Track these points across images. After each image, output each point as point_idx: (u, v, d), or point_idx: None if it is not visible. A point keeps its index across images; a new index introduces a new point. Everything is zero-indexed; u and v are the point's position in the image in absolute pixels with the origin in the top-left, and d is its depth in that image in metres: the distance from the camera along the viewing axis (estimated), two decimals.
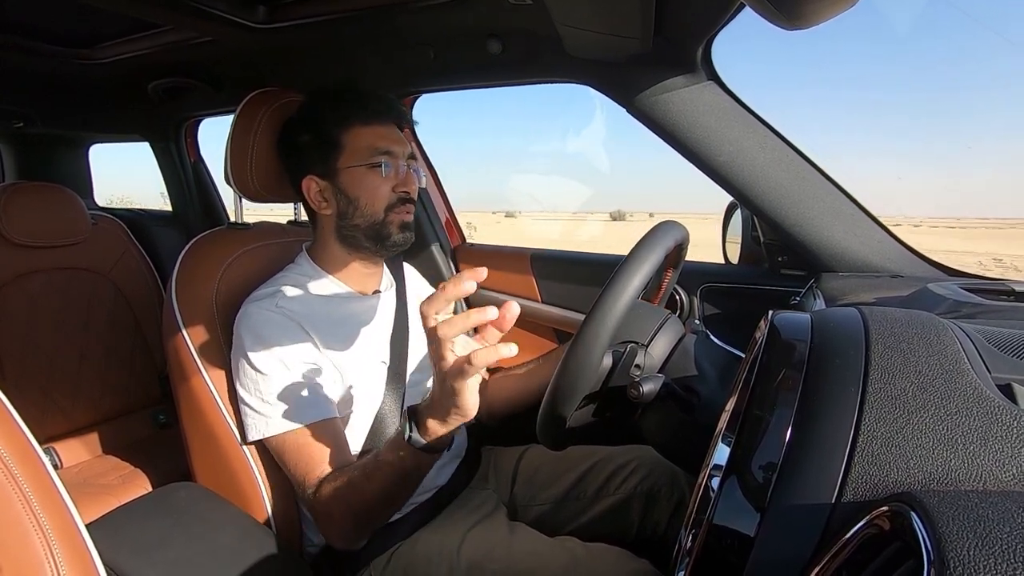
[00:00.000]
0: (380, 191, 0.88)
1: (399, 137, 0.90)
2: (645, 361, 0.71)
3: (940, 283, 0.78)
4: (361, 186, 0.88)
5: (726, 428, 0.43)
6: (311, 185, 0.90)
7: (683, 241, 0.77)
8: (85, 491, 1.18)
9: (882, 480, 0.33)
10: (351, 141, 0.88)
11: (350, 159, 0.87)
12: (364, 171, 0.87)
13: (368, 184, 0.87)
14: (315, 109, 0.91)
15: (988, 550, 0.24)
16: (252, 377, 0.80)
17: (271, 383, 0.79)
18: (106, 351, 1.43)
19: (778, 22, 0.57)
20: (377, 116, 0.89)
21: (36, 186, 1.38)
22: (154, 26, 1.26)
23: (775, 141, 0.96)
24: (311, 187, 0.90)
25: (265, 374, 0.79)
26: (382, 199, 0.88)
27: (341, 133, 0.88)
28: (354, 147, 0.87)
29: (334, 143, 0.88)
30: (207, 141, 2.05)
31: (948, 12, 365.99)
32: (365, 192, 0.88)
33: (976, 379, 0.37)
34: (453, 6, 1.00)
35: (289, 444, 0.79)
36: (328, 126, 0.88)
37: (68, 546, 0.44)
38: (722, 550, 0.37)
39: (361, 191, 0.88)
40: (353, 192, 0.88)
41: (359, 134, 0.87)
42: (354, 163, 0.87)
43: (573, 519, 0.96)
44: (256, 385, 0.80)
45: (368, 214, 0.88)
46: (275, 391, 0.79)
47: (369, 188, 0.87)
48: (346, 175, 0.88)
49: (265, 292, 0.87)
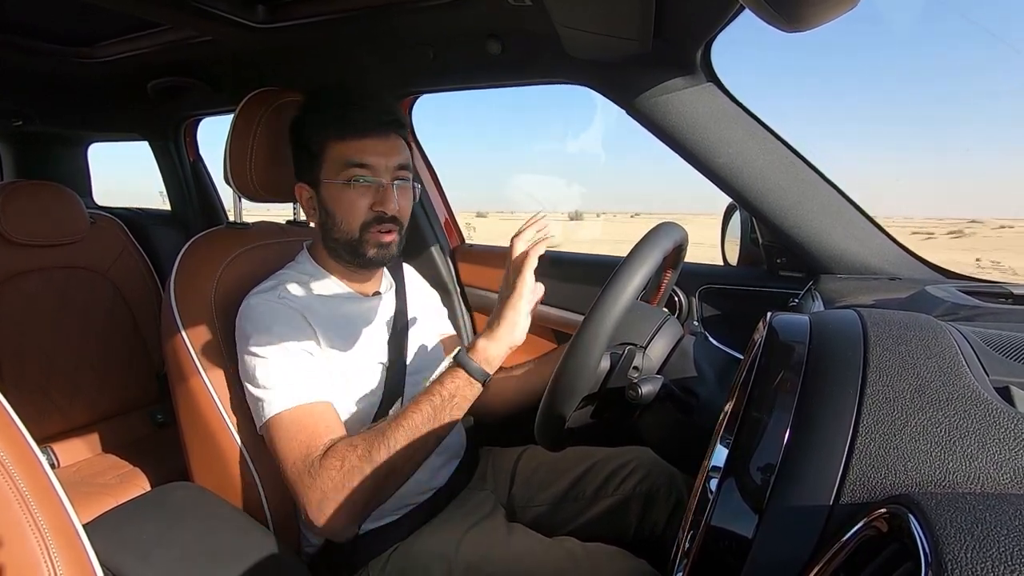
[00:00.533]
0: (356, 208, 0.85)
1: (383, 149, 0.85)
2: (643, 363, 0.71)
3: (938, 285, 0.78)
4: (338, 202, 0.86)
5: (724, 429, 0.43)
6: (302, 192, 0.90)
7: (682, 242, 0.77)
8: (82, 490, 1.18)
9: (880, 482, 0.33)
10: (328, 154, 0.85)
11: (328, 173, 0.86)
12: (340, 187, 0.85)
13: (344, 200, 0.85)
14: (301, 116, 0.89)
15: (986, 552, 0.24)
16: (254, 364, 0.79)
17: (273, 365, 0.78)
18: (104, 350, 1.43)
19: (777, 24, 0.57)
20: (355, 129, 0.84)
21: (35, 185, 1.37)
22: (153, 25, 1.26)
23: (774, 143, 0.97)
24: (302, 194, 0.90)
25: (266, 357, 0.78)
26: (358, 216, 0.85)
27: (319, 145, 0.86)
28: (331, 160, 0.85)
29: (314, 154, 0.86)
30: (207, 142, 2.05)
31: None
32: (341, 208, 0.86)
33: (974, 381, 0.37)
34: (453, 6, 1.00)
35: (285, 423, 0.76)
36: (308, 136, 0.87)
37: (65, 545, 0.44)
38: (720, 551, 0.37)
39: (337, 207, 0.86)
40: (331, 206, 0.87)
41: (335, 147, 0.85)
42: (331, 178, 0.85)
43: (571, 520, 0.96)
44: (257, 370, 0.78)
45: (344, 230, 0.87)
46: (277, 372, 0.78)
47: (344, 204, 0.85)
48: (325, 188, 0.87)
49: (267, 285, 0.87)
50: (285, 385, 0.78)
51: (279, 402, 0.77)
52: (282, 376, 0.78)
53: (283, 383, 0.78)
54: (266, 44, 1.22)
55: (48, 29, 1.32)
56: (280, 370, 0.78)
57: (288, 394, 0.77)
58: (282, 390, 0.78)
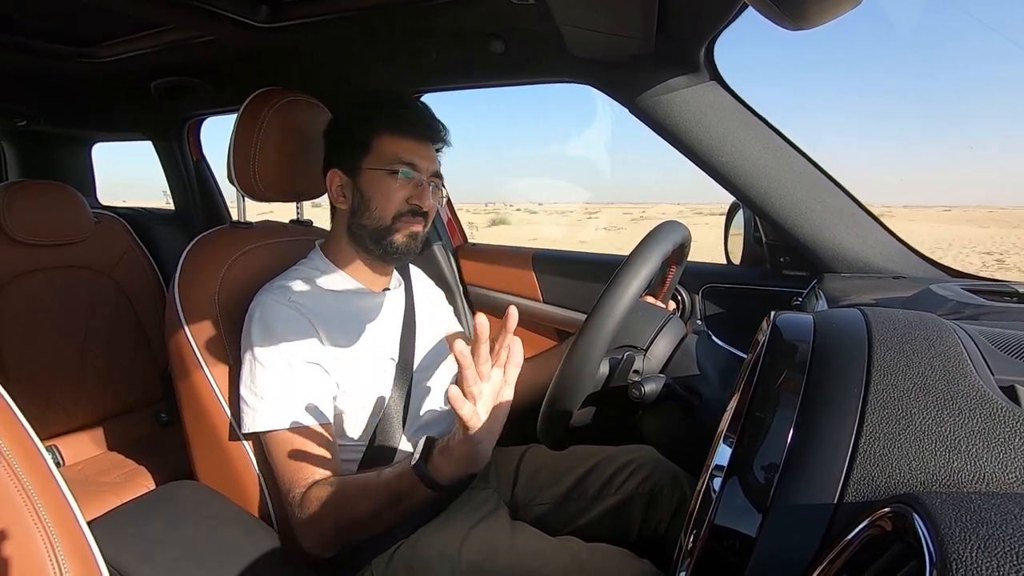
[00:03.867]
0: (394, 197, 0.89)
1: (428, 154, 0.92)
2: (644, 365, 0.71)
3: (942, 284, 0.78)
4: (377, 189, 0.90)
5: (728, 428, 0.43)
6: (334, 178, 0.93)
7: (684, 240, 0.77)
8: (87, 489, 1.19)
9: (884, 481, 0.33)
10: (379, 146, 0.90)
11: (374, 162, 0.90)
12: (383, 175, 0.89)
13: (384, 188, 0.89)
14: (357, 109, 0.94)
15: (991, 552, 0.24)
16: (253, 369, 0.82)
17: (269, 378, 0.81)
18: (108, 349, 1.44)
19: (781, 22, 0.57)
20: (411, 129, 0.91)
21: (39, 184, 1.38)
22: (157, 25, 1.26)
23: (777, 142, 0.96)
24: (334, 180, 0.93)
25: (265, 367, 0.81)
26: (393, 206, 0.90)
27: (372, 136, 0.90)
28: (380, 151, 0.90)
29: (363, 144, 0.90)
30: (210, 141, 2.06)
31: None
32: (379, 195, 0.90)
33: (979, 380, 0.37)
34: (456, 6, 1.00)
35: (279, 443, 0.80)
36: (362, 127, 0.91)
37: (70, 544, 0.44)
38: (723, 551, 0.37)
39: (375, 193, 0.90)
40: (368, 192, 0.90)
41: (388, 141, 0.90)
42: (376, 166, 0.89)
43: (574, 519, 0.96)
44: (254, 378, 0.81)
45: (377, 217, 0.90)
46: (272, 387, 0.80)
47: (383, 192, 0.89)
48: (366, 176, 0.90)
49: (279, 284, 0.89)
50: (283, 401, 0.80)
51: (275, 418, 0.80)
52: (281, 390, 0.80)
53: (282, 398, 0.80)
54: (269, 43, 1.22)
55: (52, 30, 1.33)
56: (280, 383, 0.81)
57: (286, 412, 0.80)
58: (279, 405, 0.80)
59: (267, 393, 0.80)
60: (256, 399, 0.81)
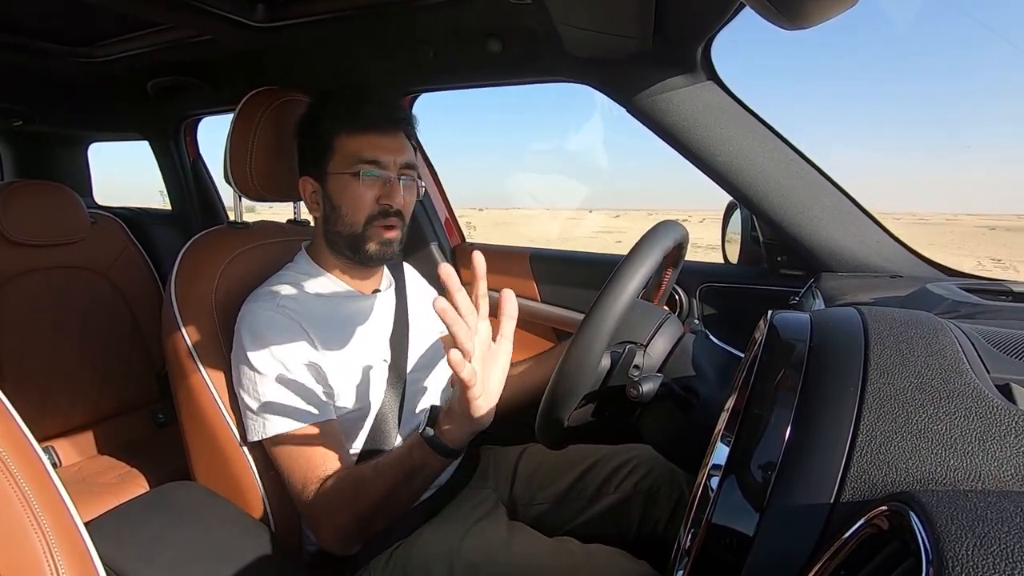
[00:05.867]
0: (362, 201, 0.86)
1: (393, 146, 0.87)
2: (644, 361, 0.71)
3: (939, 283, 0.78)
4: (344, 194, 0.87)
5: (725, 428, 0.43)
6: (306, 185, 0.91)
7: (682, 241, 0.77)
8: (84, 490, 1.18)
9: (881, 480, 0.33)
10: (339, 147, 0.87)
11: (338, 165, 0.87)
12: (348, 178, 0.86)
13: (351, 192, 0.86)
14: (314, 110, 0.91)
15: (987, 550, 0.24)
16: (251, 378, 0.81)
17: (269, 384, 0.80)
18: (105, 350, 1.43)
19: (778, 22, 0.57)
20: (368, 123, 0.86)
21: (35, 184, 1.37)
22: (154, 25, 1.26)
23: (775, 141, 0.97)
24: (306, 187, 0.91)
25: (264, 374, 0.80)
26: (363, 209, 0.86)
27: (332, 138, 0.87)
28: (342, 153, 0.86)
29: (325, 147, 0.88)
30: (207, 141, 2.05)
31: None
32: (347, 200, 0.87)
33: (975, 379, 0.37)
34: (453, 5, 1.00)
35: (289, 445, 0.80)
36: (321, 129, 0.88)
37: (67, 545, 0.44)
38: (721, 549, 0.37)
39: (343, 199, 0.87)
40: (336, 199, 0.87)
41: (347, 140, 0.86)
42: (340, 169, 0.86)
43: (573, 518, 0.96)
44: (255, 386, 0.80)
45: (349, 223, 0.87)
46: (273, 392, 0.80)
47: (351, 197, 0.86)
48: (333, 180, 0.87)
49: (266, 291, 0.87)
50: (287, 403, 0.80)
51: (278, 423, 0.79)
52: (279, 396, 0.80)
53: (280, 403, 0.80)
54: (266, 43, 1.22)
55: (48, 29, 1.32)
56: (277, 388, 0.80)
57: (287, 415, 0.79)
58: (285, 409, 0.80)
59: (270, 399, 0.80)
60: (261, 407, 0.80)
